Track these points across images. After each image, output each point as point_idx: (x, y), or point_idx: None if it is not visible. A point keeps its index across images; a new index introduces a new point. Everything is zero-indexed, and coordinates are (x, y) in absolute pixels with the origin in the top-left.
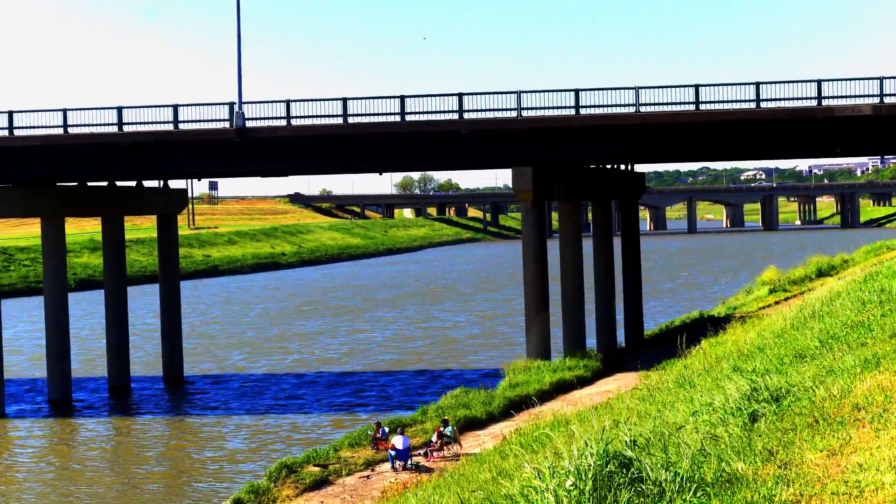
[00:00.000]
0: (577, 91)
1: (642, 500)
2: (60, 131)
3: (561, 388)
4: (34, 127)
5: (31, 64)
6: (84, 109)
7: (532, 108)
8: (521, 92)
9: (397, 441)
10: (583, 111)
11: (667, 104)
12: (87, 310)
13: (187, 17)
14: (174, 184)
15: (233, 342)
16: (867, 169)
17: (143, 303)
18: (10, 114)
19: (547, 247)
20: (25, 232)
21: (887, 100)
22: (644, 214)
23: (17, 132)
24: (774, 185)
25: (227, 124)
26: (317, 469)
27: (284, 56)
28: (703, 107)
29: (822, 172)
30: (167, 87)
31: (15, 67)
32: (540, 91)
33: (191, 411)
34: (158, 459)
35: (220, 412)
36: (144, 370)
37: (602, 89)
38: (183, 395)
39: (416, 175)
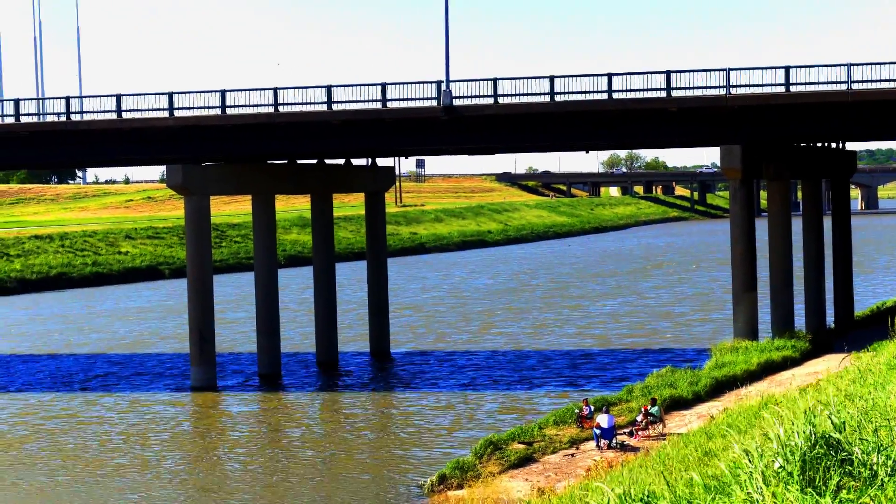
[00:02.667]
0: (786, 68)
1: (853, 482)
2: (271, 110)
3: (768, 368)
4: (245, 105)
5: (242, 44)
6: (294, 88)
7: (741, 86)
8: (729, 69)
9: (602, 420)
10: (793, 88)
11: (879, 81)
12: (296, 285)
13: None
14: (382, 161)
15: (441, 318)
16: None
17: (347, 279)
18: (223, 92)
19: (755, 226)
20: (237, 209)
21: None
22: (855, 193)
23: (229, 111)
24: None
25: (434, 103)
26: (522, 446)
27: (492, 34)
28: None
29: None
30: (375, 65)
31: (226, 47)
32: (749, 68)
33: (397, 387)
34: (364, 434)
35: (426, 388)
36: (351, 346)
37: (812, 66)
38: (389, 370)
39: (622, 153)
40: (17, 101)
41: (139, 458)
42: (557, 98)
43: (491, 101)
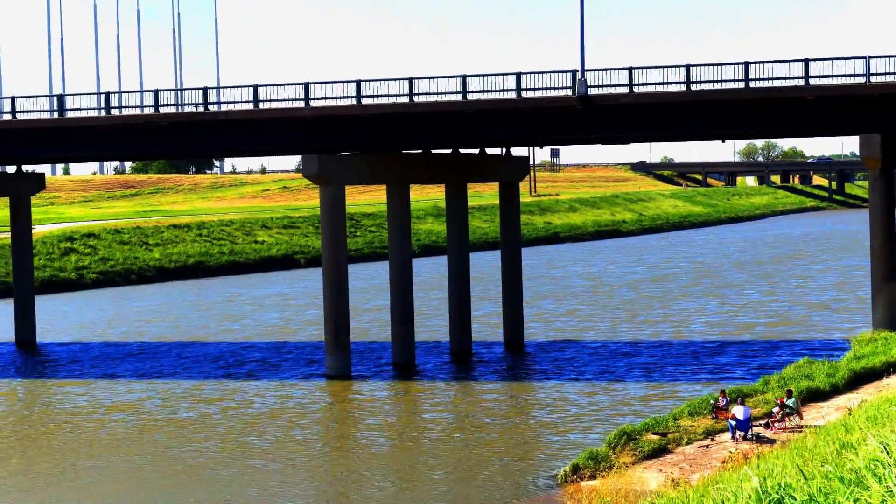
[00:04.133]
0: None
1: None
2: (406, 100)
3: None
4: (380, 95)
5: (379, 35)
6: (429, 78)
7: (880, 74)
8: (869, 57)
9: (738, 411)
10: None
11: None
12: (430, 275)
13: None
14: (516, 151)
15: (577, 308)
16: None
17: (482, 268)
18: (359, 83)
19: (895, 216)
20: (371, 198)
21: None
22: None
23: (364, 101)
24: None
25: (569, 92)
26: (656, 437)
27: (627, 22)
28: None
29: None
30: (509, 55)
31: (361, 37)
32: (890, 56)
33: (531, 376)
34: (498, 422)
35: (560, 377)
36: (485, 335)
37: None
38: (524, 359)
39: (759, 142)
40: (156, 92)
41: (281, 443)
42: (693, 87)
43: (626, 90)
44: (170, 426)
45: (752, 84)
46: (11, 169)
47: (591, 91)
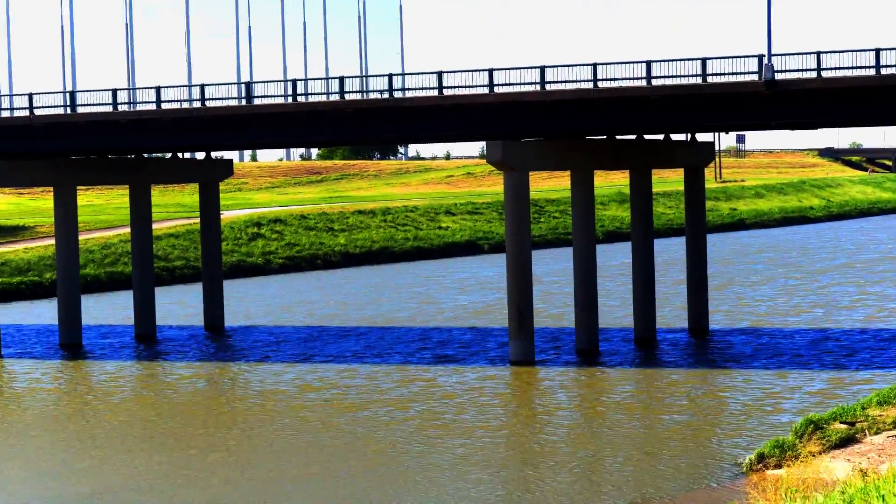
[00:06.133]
0: None
1: None
2: (590, 85)
3: None
4: (563, 81)
5: (563, 19)
6: (613, 64)
7: None
8: None
9: None
10: None
11: None
12: (615, 261)
13: None
14: (701, 137)
15: (765, 294)
16: None
17: (666, 255)
18: (542, 69)
19: None
20: (554, 184)
21: None
22: None
23: (548, 87)
24: None
25: (755, 77)
26: (843, 426)
27: (814, 6)
28: None
29: None
30: (693, 40)
31: (549, 23)
32: None
33: (716, 363)
34: (682, 410)
35: (745, 365)
36: (670, 322)
37: None
38: (708, 347)
39: None
40: (341, 79)
41: (466, 427)
42: (883, 71)
43: (814, 74)
44: (361, 408)
45: None
46: (201, 155)
47: (778, 76)
